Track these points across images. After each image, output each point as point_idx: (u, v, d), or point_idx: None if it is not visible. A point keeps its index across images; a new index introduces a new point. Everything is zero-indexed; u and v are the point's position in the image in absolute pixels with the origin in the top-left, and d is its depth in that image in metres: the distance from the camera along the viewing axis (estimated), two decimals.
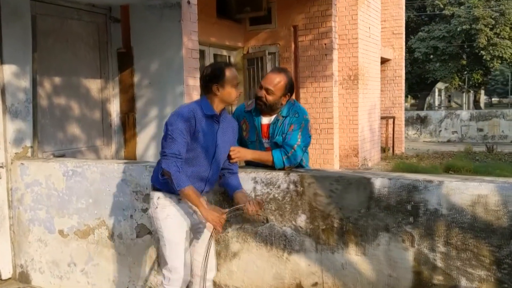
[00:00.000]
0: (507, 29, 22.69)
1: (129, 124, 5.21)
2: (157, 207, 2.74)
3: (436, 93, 40.61)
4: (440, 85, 33.96)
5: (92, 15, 5.08)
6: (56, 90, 4.72)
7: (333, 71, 8.67)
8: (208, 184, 2.83)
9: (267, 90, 3.04)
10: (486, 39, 22.40)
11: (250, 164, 3.25)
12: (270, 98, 3.04)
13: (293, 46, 8.87)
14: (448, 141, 16.82)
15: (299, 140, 3.01)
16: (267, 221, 3.00)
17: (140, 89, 5.15)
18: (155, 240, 3.36)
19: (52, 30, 4.64)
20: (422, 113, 18.04)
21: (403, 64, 13.27)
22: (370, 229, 2.68)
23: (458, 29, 23.04)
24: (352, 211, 2.73)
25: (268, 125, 3.16)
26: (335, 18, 8.71)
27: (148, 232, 3.41)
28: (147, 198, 3.32)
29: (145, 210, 3.40)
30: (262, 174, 3.01)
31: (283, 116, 3.11)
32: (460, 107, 38.43)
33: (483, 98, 38.31)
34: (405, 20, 13.58)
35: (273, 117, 3.14)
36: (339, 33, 9.65)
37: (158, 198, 2.74)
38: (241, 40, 9.33)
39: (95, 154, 5.08)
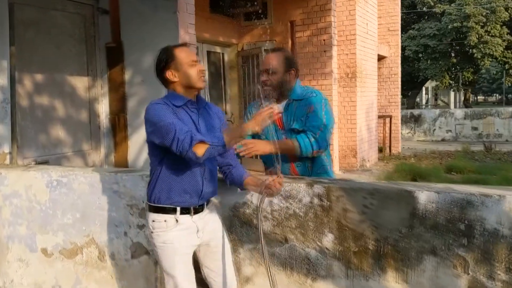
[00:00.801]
0: (498, 26, 22.61)
1: (119, 126, 4.74)
2: (152, 232, 2.33)
3: (424, 92, 40.66)
4: (427, 84, 33.88)
5: (78, 6, 4.61)
6: (37, 88, 4.23)
7: (332, 68, 8.28)
8: (207, 183, 2.36)
9: (268, 71, 2.75)
10: (477, 37, 22.26)
11: (267, 160, 2.86)
12: (274, 77, 2.76)
13: (290, 42, 8.46)
14: (443, 140, 16.55)
15: (324, 119, 2.70)
16: (286, 241, 2.57)
17: (131, 87, 4.68)
18: (153, 262, 2.92)
19: (33, 21, 4.17)
20: (416, 112, 17.76)
21: (399, 62, 12.94)
22: (413, 252, 2.26)
23: (449, 27, 22.90)
24: (391, 230, 2.31)
25: (281, 113, 2.81)
26: (334, 12, 8.32)
27: (145, 252, 2.96)
28: (143, 213, 2.89)
29: (141, 227, 2.96)
30: None
31: (295, 100, 2.80)
32: (447, 105, 38.46)
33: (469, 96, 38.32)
34: None
35: (283, 103, 2.82)
36: (336, 29, 9.26)
37: (153, 221, 2.31)
38: (235, 36, 8.90)
39: (82, 159, 4.61)
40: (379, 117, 11.81)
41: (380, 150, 11.87)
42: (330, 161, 2.97)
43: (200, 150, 2.06)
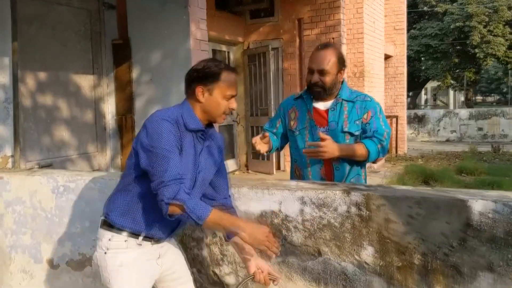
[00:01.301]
0: (500, 26, 22.41)
1: (126, 127, 4.51)
2: (106, 252, 1.95)
3: (423, 92, 40.54)
4: (426, 84, 33.74)
5: (83, 1, 4.40)
6: (40, 87, 4.00)
7: None
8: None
9: (321, 72, 2.58)
10: (480, 37, 22.07)
11: (298, 158, 2.77)
12: (327, 79, 2.59)
13: (298, 40, 8.24)
14: (447, 140, 16.34)
15: (383, 126, 2.61)
16: (320, 254, 2.34)
17: (139, 86, 4.46)
18: None
19: (36, 16, 3.94)
20: (420, 112, 17.58)
21: (405, 61, 12.73)
22: (466, 267, 2.03)
23: (451, 27, 22.70)
24: (441, 243, 2.08)
25: (326, 111, 2.67)
26: (343, 10, 8.09)
27: None
28: None
29: None
30: (312, 193, 2.34)
31: (344, 100, 2.65)
32: (446, 105, 38.33)
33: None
34: None
35: (330, 102, 2.66)
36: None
37: (109, 239, 1.95)
38: (241, 34, 8.67)
39: (87, 162, 4.38)
40: (386, 117, 11.59)
41: (387, 151, 11.65)
42: (365, 170, 2.78)
43: (173, 210, 1.76)
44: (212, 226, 1.88)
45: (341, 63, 2.62)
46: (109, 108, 4.61)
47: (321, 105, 2.67)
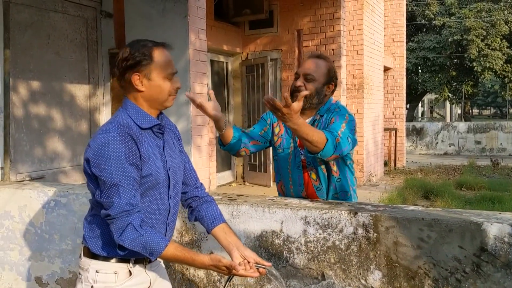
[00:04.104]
0: (498, 40, 22.47)
1: None
2: (93, 286, 1.69)
3: (420, 104, 40.60)
4: (423, 96, 33.77)
5: (80, 8, 4.27)
6: (33, 97, 3.87)
7: (341, 79, 7.96)
8: (170, 230, 1.86)
9: (306, 77, 2.36)
10: (477, 50, 22.12)
11: (279, 169, 2.56)
12: (310, 86, 2.36)
13: (296, 52, 8.17)
14: (445, 153, 16.26)
15: (342, 127, 2.26)
16: (324, 278, 2.21)
17: None
18: None
19: (30, 23, 3.82)
20: (418, 125, 17.50)
21: (404, 73, 12.68)
22: None
23: (449, 40, 22.74)
24: (453, 269, 1.96)
25: None
26: (343, 21, 8.03)
27: None
28: None
29: None
30: (316, 213, 2.22)
31: (321, 116, 2.42)
32: (443, 118, 38.34)
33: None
34: None
35: (309, 119, 2.43)
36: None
37: (97, 271, 1.70)
38: (239, 45, 8.61)
39: (81, 174, 4.22)
40: (385, 129, 11.51)
41: (385, 164, 11.56)
42: (354, 185, 2.56)
43: (126, 244, 1.58)
44: (170, 261, 1.73)
45: (330, 76, 2.42)
46: (105, 118, 4.48)
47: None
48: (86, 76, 4.35)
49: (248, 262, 1.74)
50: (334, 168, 2.44)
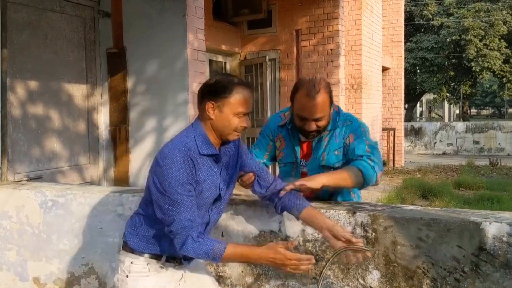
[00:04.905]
0: (496, 40, 22.48)
1: (120, 138, 4.37)
2: (127, 276, 1.89)
3: (418, 104, 40.65)
4: (422, 96, 33.82)
5: (78, 8, 4.26)
6: (31, 96, 3.86)
7: (339, 78, 7.95)
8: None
9: (317, 119, 2.25)
10: (476, 50, 22.13)
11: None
12: (323, 123, 2.27)
13: (295, 51, 8.13)
14: (444, 153, 16.26)
15: (366, 144, 2.26)
16: (321, 278, 2.20)
17: (134, 97, 4.32)
18: None
19: (28, 22, 3.81)
20: (417, 125, 17.51)
21: (402, 73, 12.67)
22: None
23: (448, 40, 22.75)
24: (451, 268, 1.95)
25: (309, 144, 2.41)
26: (342, 21, 8.02)
27: None
28: None
29: None
30: None
31: (328, 130, 2.35)
32: (441, 118, 38.39)
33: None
34: None
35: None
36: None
37: (131, 262, 1.89)
38: (238, 45, 8.58)
39: (79, 174, 4.22)
40: (383, 129, 11.51)
41: (384, 163, 11.55)
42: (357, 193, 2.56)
43: (189, 254, 1.76)
44: (233, 261, 1.91)
45: (331, 96, 2.30)
46: (103, 118, 4.47)
47: (304, 138, 2.40)
48: (84, 76, 4.33)
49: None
50: None
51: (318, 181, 2.04)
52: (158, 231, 1.85)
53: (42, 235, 2.93)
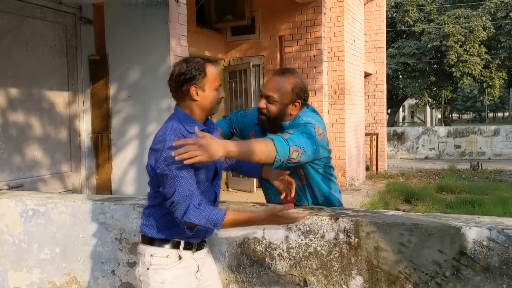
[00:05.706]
0: (476, 46, 22.86)
1: (102, 146, 4.33)
2: (148, 268, 1.99)
3: (400, 109, 41.08)
4: (404, 101, 34.19)
5: (59, 15, 4.22)
6: (11, 103, 3.81)
7: (322, 84, 8.01)
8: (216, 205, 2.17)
9: (268, 98, 2.25)
10: (456, 56, 22.48)
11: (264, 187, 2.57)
12: (272, 108, 2.25)
13: (278, 57, 8.16)
14: (426, 158, 16.45)
15: (289, 132, 2.09)
16: (306, 284, 2.21)
17: (116, 103, 4.29)
18: None
19: (9, 29, 3.77)
20: (399, 129, 17.68)
21: (385, 79, 12.82)
22: None
23: (429, 46, 23.08)
24: (433, 273, 1.97)
25: None
26: (324, 28, 8.09)
27: None
28: (134, 248, 2.49)
29: (131, 264, 2.56)
30: None
31: (283, 128, 2.29)
32: (424, 123, 38.84)
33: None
34: None
35: None
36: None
37: (151, 255, 2.00)
38: (222, 51, 8.61)
39: (60, 182, 4.17)
40: (366, 134, 11.61)
41: (367, 168, 11.65)
42: (336, 198, 2.53)
43: (190, 225, 1.90)
44: (232, 227, 1.99)
45: (297, 94, 2.25)
46: (85, 125, 4.42)
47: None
48: (66, 82, 4.29)
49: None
50: (309, 177, 2.40)
51: (216, 150, 1.78)
52: (171, 216, 1.94)
53: (23, 244, 2.88)
